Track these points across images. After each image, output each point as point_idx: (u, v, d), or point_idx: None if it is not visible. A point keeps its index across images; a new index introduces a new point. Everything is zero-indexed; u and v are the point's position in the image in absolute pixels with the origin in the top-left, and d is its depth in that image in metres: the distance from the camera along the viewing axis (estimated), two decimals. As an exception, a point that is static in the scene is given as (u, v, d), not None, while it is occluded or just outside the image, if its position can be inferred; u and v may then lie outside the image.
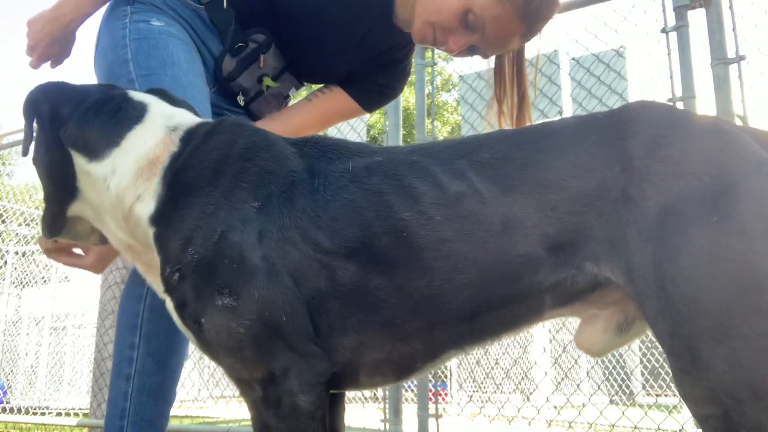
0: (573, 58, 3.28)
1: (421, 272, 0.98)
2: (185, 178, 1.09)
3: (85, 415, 4.78)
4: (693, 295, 0.82)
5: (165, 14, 1.55)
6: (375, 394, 6.74)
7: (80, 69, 1.96)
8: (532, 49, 1.60)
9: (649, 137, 0.94)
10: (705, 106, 2.20)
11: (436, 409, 3.04)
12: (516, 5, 1.42)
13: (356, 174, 1.06)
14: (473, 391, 7.54)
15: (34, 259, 8.58)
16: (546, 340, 6.22)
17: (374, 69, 1.72)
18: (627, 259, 0.89)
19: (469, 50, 1.52)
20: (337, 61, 1.68)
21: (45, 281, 8.73)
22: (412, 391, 3.90)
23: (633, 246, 0.88)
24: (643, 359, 7.20)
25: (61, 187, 1.17)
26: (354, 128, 3.89)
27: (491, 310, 0.98)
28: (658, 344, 0.87)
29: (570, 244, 0.94)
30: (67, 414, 5.21)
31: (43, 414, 5.22)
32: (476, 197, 0.98)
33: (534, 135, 1.04)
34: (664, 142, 0.93)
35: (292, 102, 1.83)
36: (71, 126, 1.15)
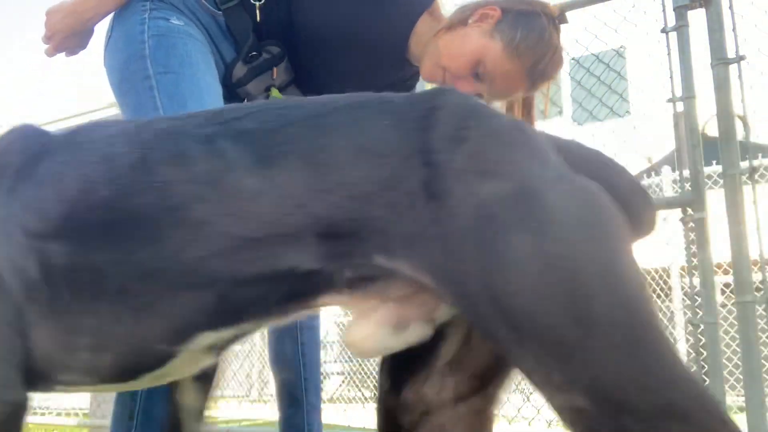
0: (573, 58, 3.28)
1: (143, 243, 0.86)
2: None
3: (85, 415, 4.77)
4: (528, 309, 0.75)
5: (184, 15, 1.56)
6: (375, 394, 6.74)
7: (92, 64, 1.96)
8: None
9: (453, 129, 0.85)
10: (705, 106, 2.21)
11: (437, 408, 3.04)
12: (525, 64, 1.50)
13: (80, 147, 0.96)
14: (473, 391, 7.53)
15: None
16: (545, 340, 6.21)
17: None
18: (433, 259, 0.80)
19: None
20: (345, 85, 1.69)
21: (44, 281, 8.70)
22: (413, 390, 3.90)
23: (441, 246, 0.80)
24: (643, 359, 7.19)
25: None
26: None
27: (243, 287, 0.87)
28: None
29: (349, 234, 0.84)
30: (67, 414, 5.20)
31: (43, 414, 5.21)
32: (219, 162, 0.87)
33: (317, 109, 0.93)
34: (469, 135, 0.84)
35: None
36: None
